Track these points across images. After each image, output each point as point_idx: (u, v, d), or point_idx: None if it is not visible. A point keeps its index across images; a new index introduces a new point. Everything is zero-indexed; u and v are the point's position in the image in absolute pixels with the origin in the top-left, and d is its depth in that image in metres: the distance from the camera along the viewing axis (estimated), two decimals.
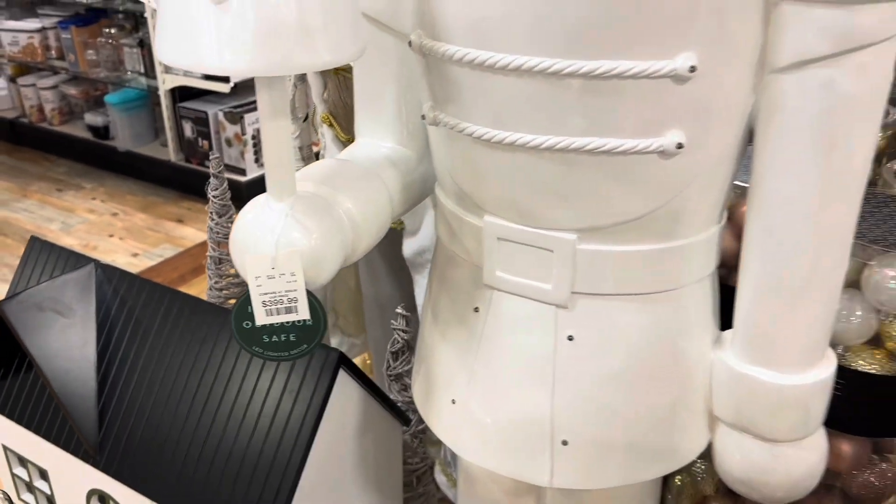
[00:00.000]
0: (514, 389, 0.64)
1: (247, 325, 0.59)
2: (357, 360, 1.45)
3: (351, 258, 0.62)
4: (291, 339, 0.61)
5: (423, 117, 0.62)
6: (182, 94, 2.75)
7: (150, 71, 2.88)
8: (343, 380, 0.84)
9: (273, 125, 0.54)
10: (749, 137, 0.58)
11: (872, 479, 0.72)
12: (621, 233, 0.58)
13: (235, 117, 2.64)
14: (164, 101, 2.75)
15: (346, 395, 0.85)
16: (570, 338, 0.62)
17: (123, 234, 2.69)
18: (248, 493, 0.79)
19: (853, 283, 0.67)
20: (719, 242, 0.63)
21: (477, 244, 0.63)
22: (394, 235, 1.04)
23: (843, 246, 0.58)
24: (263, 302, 0.58)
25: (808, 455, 0.64)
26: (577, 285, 0.60)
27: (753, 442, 0.64)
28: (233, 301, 1.21)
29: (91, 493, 0.93)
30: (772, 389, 0.61)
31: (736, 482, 0.67)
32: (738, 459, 0.65)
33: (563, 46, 0.51)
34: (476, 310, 0.65)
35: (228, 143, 2.69)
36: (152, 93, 2.90)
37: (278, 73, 0.50)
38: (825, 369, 0.62)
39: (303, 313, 0.59)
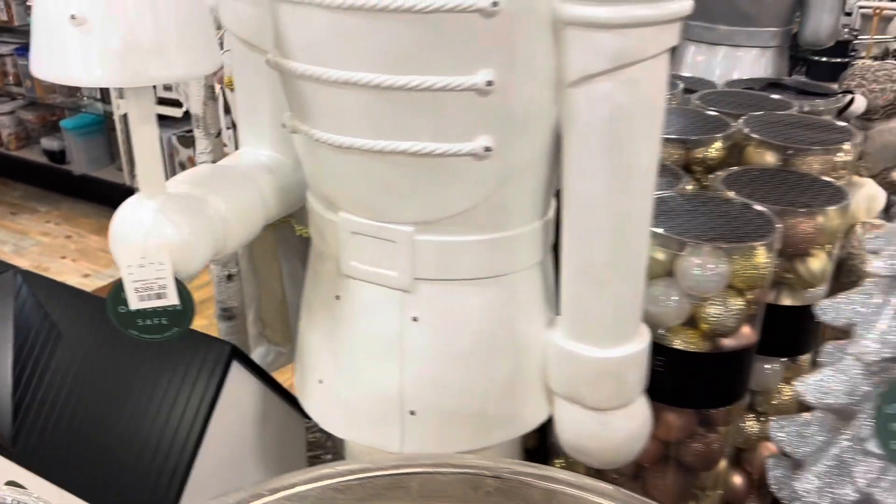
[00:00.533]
0: (369, 367, 0.72)
1: (122, 309, 0.67)
2: (289, 369, 1.51)
3: (223, 251, 0.71)
4: (163, 322, 0.68)
5: (284, 126, 0.71)
6: None
7: (106, 96, 2.96)
8: (238, 373, 0.91)
9: (142, 130, 0.62)
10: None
11: (701, 447, 0.81)
12: (452, 225, 0.67)
13: (188, 141, 2.72)
14: (119, 126, 2.83)
15: (242, 387, 0.92)
16: (415, 319, 0.70)
17: (76, 256, 2.73)
18: (147, 478, 0.86)
19: (669, 272, 0.76)
20: (545, 235, 0.72)
21: (335, 238, 0.72)
22: None
23: (639, 235, 0.67)
24: (136, 288, 0.65)
25: (628, 422, 0.73)
26: (418, 272, 0.69)
27: (581, 411, 0.72)
28: None
29: (7, 484, 0.98)
30: (590, 362, 0.70)
31: (571, 449, 0.75)
32: (571, 428, 0.74)
33: (383, 63, 0.60)
34: (337, 297, 0.74)
35: (182, 166, 2.76)
36: (108, 118, 2.98)
37: (137, 85, 0.59)
38: (637, 344, 0.70)
39: (172, 299, 0.66)
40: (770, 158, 0.92)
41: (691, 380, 0.78)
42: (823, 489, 0.60)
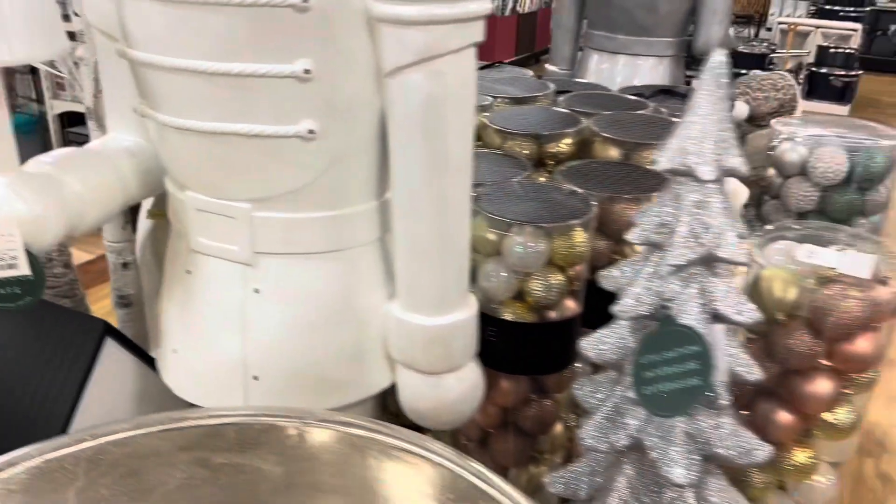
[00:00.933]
0: (215, 336, 0.78)
1: None
2: None
3: (79, 228, 0.76)
4: (17, 291, 0.73)
5: (135, 110, 0.77)
6: (71, 119, 2.83)
7: (41, 97, 2.95)
8: (114, 350, 0.95)
9: None
10: None
11: (536, 412, 0.88)
12: (288, 202, 0.73)
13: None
14: (53, 126, 2.83)
15: (117, 365, 0.96)
16: (257, 291, 0.76)
17: None
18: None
19: (499, 251, 0.84)
20: (382, 214, 0.79)
21: (185, 216, 0.78)
22: None
23: (458, 215, 0.74)
24: None
25: (459, 384, 0.80)
26: (258, 246, 0.75)
27: (416, 376, 0.79)
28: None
29: None
30: (419, 330, 0.77)
31: (410, 411, 0.82)
32: (408, 391, 0.81)
33: (213, 52, 0.66)
34: (188, 272, 0.80)
35: None
36: (42, 117, 2.97)
37: None
38: (463, 314, 0.77)
39: (23, 269, 0.71)
40: (614, 153, 1.01)
41: (521, 348, 0.85)
42: (600, 436, 0.67)
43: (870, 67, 6.34)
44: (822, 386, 0.74)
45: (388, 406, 0.89)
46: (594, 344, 0.68)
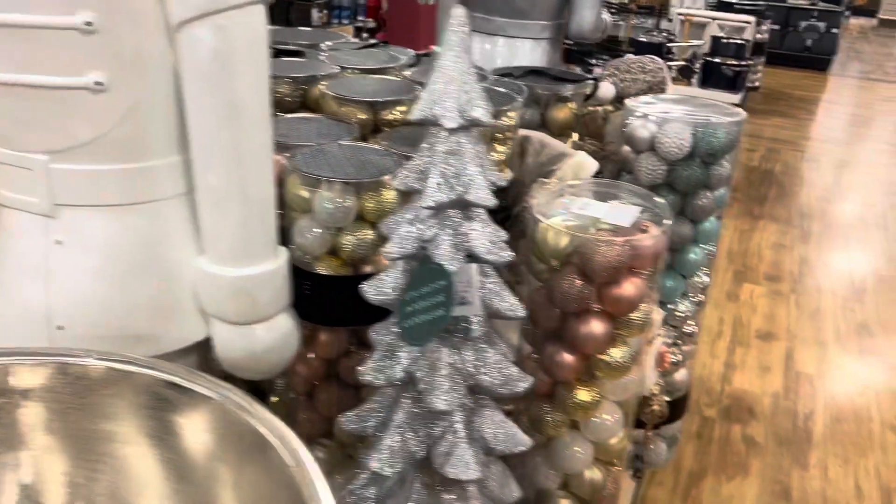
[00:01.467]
0: (19, 286, 0.79)
1: None
2: None
3: None
4: None
5: None
6: None
7: None
8: None
9: None
10: None
11: (357, 364, 0.92)
12: (84, 154, 0.75)
13: None
14: None
15: None
16: (59, 242, 0.78)
17: None
18: None
19: (310, 207, 0.87)
20: (186, 168, 0.81)
21: None
22: None
23: (255, 165, 0.77)
24: None
25: (268, 334, 0.83)
26: (57, 198, 0.76)
27: (227, 327, 0.82)
28: None
29: None
30: (225, 281, 0.80)
31: (225, 362, 0.85)
32: (221, 343, 0.84)
33: None
34: None
35: None
36: None
37: None
38: (269, 265, 0.81)
39: None
40: None
41: (337, 302, 0.89)
42: (378, 372, 0.72)
43: (781, 62, 6.68)
44: (595, 327, 0.80)
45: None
46: (374, 286, 0.72)
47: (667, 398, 1.50)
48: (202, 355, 0.90)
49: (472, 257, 0.67)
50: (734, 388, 2.14)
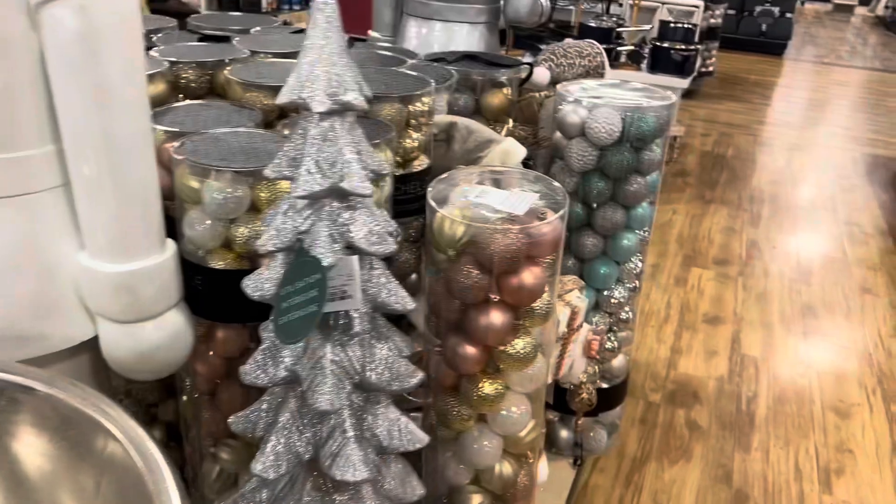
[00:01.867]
0: None
1: None
2: None
3: None
4: None
5: None
6: None
7: None
8: None
9: None
10: None
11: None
12: None
13: None
14: None
15: None
16: None
17: None
18: None
19: (200, 198, 0.83)
20: (61, 159, 0.76)
21: None
22: None
23: (129, 153, 0.73)
24: None
25: (156, 332, 0.79)
26: None
27: (111, 325, 0.78)
28: None
29: None
30: (103, 277, 0.75)
31: (111, 362, 0.80)
32: (106, 342, 0.79)
33: None
34: None
35: None
36: None
37: None
38: (151, 259, 0.77)
39: None
40: None
41: (232, 297, 0.85)
42: (260, 371, 0.68)
43: (737, 47, 6.74)
44: (495, 318, 0.78)
45: None
46: (254, 281, 0.69)
47: (605, 385, 1.49)
48: (96, 355, 0.85)
49: (353, 249, 0.63)
50: (679, 372, 2.15)
